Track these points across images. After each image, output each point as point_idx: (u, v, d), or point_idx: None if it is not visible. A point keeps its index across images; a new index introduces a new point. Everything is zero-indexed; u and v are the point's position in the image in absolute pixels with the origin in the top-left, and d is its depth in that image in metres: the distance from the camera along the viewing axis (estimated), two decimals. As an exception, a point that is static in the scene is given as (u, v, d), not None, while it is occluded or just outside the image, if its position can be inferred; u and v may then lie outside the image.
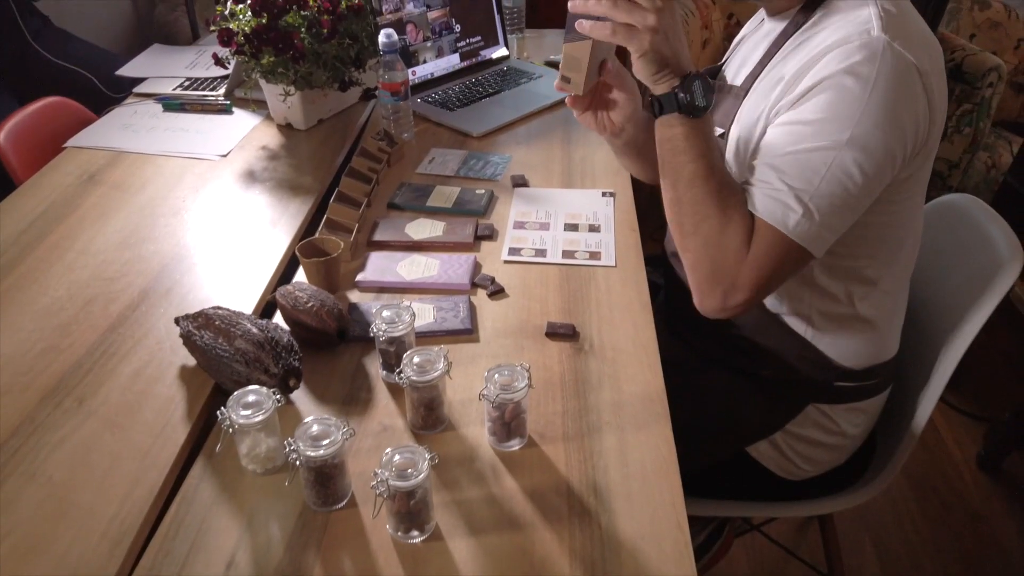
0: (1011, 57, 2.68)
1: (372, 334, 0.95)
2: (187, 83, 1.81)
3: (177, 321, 1.01)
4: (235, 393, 0.84)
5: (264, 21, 1.46)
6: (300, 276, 1.18)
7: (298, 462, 0.79)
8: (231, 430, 0.83)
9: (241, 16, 1.49)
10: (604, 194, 1.40)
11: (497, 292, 1.15)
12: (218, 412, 0.84)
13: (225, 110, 1.69)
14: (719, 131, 1.10)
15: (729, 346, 1.17)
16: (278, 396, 0.85)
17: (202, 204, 1.37)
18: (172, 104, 1.70)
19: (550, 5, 2.64)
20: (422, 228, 1.29)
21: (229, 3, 1.51)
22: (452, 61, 1.83)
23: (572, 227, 1.31)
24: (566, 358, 1.03)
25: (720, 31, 2.83)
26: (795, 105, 0.94)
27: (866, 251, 1.03)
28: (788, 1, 1.03)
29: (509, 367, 0.87)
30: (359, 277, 1.17)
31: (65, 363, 1.01)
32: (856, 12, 0.95)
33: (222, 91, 1.75)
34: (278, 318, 1.09)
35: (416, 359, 0.89)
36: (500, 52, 1.92)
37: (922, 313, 1.22)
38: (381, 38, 1.47)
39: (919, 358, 1.19)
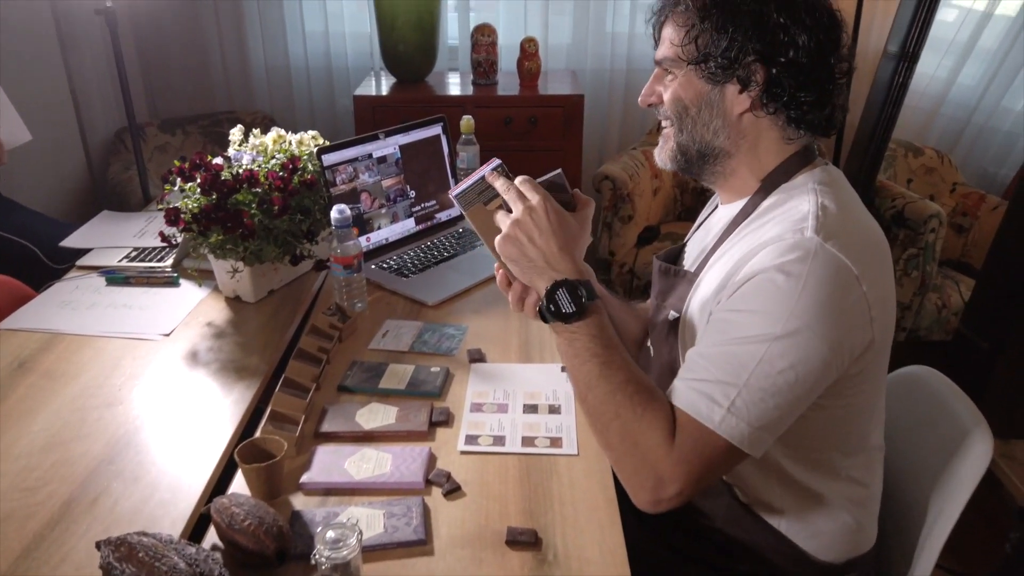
0: (948, 200, 2.79)
1: (314, 561, 0.87)
2: (134, 253, 1.76)
3: (98, 546, 0.92)
4: (154, 651, 0.75)
5: (213, 200, 1.44)
6: (240, 479, 1.09)
7: None
8: None
9: (191, 194, 1.47)
10: (563, 369, 1.36)
11: (453, 491, 1.08)
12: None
13: (172, 283, 1.64)
14: (674, 315, 1.08)
15: (701, 539, 1.10)
16: (204, 651, 0.75)
17: (140, 393, 1.29)
18: (116, 278, 1.65)
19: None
20: (374, 415, 1.23)
21: (178, 181, 1.50)
22: (407, 226, 1.83)
23: (531, 408, 1.25)
24: (528, 572, 0.95)
25: (670, 178, 2.92)
26: (730, 297, 0.93)
27: (833, 443, 1.00)
28: (737, 192, 1.04)
29: (464, 602, 0.79)
30: (304, 479, 1.09)
31: (-33, 602, 0.91)
32: (796, 208, 0.95)
33: (170, 261, 1.71)
34: (213, 532, 1.00)
35: (362, 594, 0.80)
36: (455, 214, 1.93)
37: (896, 495, 1.18)
38: (333, 214, 1.45)
39: (899, 545, 1.14)
